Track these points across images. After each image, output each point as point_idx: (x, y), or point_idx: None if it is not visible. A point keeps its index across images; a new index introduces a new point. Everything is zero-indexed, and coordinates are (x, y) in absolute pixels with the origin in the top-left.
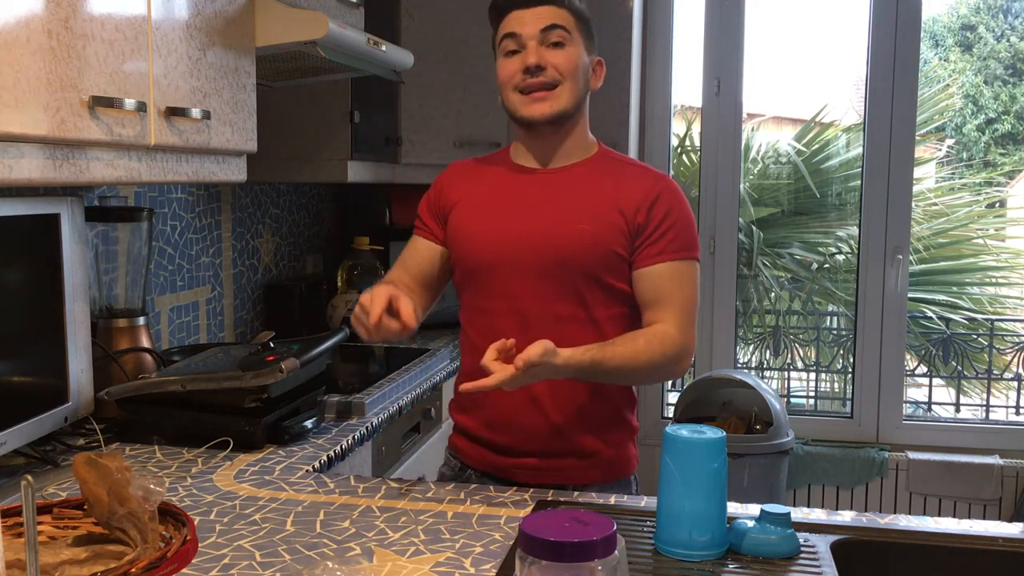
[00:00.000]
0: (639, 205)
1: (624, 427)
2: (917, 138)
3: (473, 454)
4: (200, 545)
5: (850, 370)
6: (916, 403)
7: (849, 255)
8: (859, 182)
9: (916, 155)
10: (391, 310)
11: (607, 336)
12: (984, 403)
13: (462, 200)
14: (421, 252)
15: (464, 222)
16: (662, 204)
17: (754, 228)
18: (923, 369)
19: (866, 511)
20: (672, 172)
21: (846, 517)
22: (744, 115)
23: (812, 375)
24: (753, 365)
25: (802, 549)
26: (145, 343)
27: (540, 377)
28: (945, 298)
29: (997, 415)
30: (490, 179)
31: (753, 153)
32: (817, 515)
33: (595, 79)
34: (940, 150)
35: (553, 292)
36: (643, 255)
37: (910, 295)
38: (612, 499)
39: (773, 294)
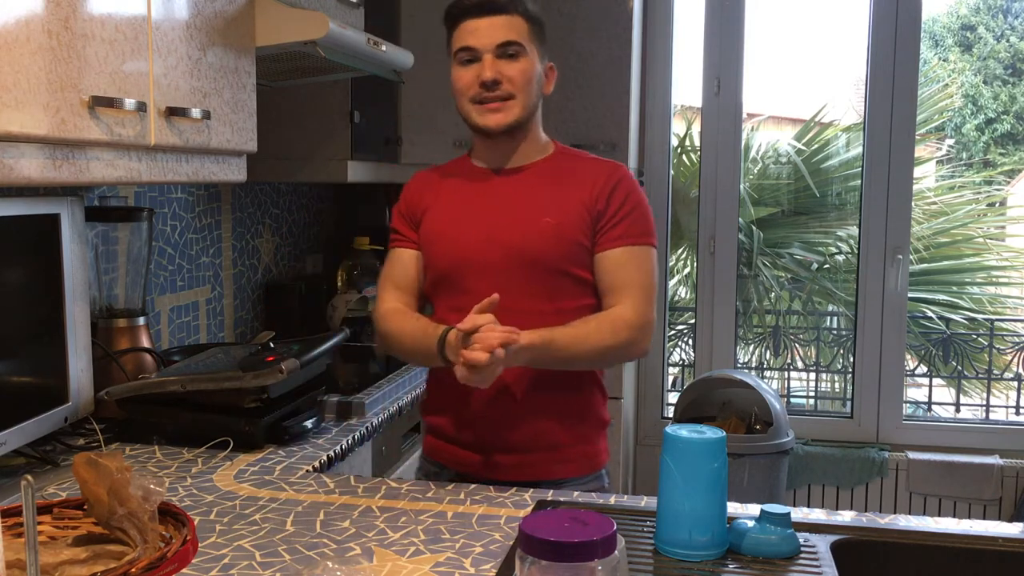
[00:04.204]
0: (599, 193)
1: (594, 420)
2: (917, 138)
3: (446, 454)
4: (200, 545)
5: (850, 370)
6: (916, 403)
7: (849, 255)
8: (859, 182)
9: (916, 155)
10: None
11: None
12: (984, 403)
13: (431, 207)
14: (409, 265)
15: (434, 228)
16: (621, 190)
17: (754, 228)
18: (923, 369)
19: (866, 511)
20: (672, 172)
21: (846, 517)
22: (744, 115)
23: (812, 375)
24: (753, 365)
25: (802, 549)
26: (145, 343)
27: (504, 364)
28: (945, 298)
29: (997, 415)
30: (454, 184)
31: (753, 153)
32: (817, 515)
33: (547, 85)
34: (940, 149)
35: (522, 287)
36: (604, 239)
37: (910, 295)
38: (612, 499)
39: (773, 294)
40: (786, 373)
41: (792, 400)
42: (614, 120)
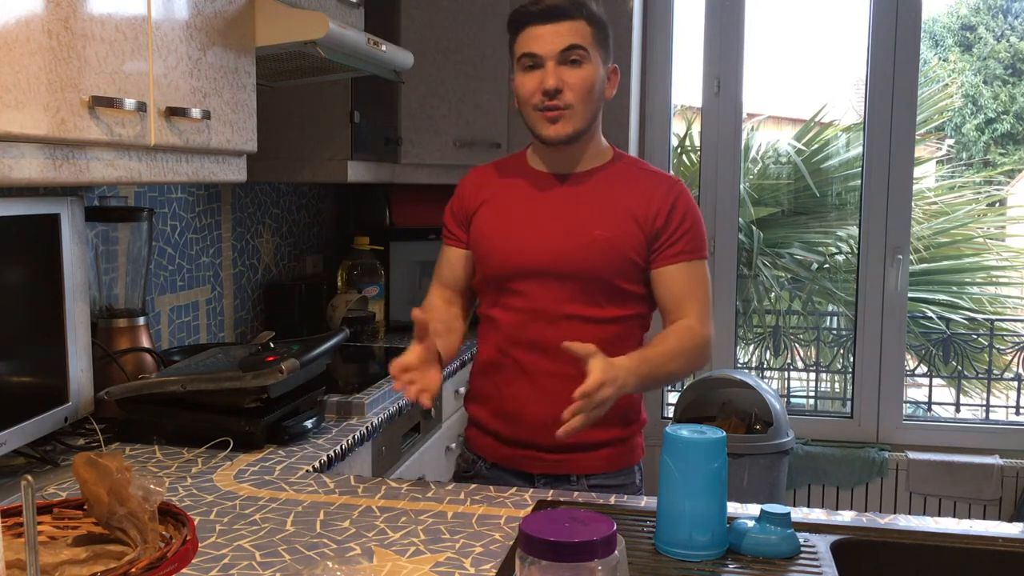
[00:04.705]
0: (657, 211)
1: (630, 420)
2: (917, 138)
3: (483, 444)
4: (200, 545)
5: (850, 370)
6: (916, 403)
7: (849, 255)
8: (859, 182)
9: (916, 155)
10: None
11: (617, 333)
12: (984, 403)
13: (483, 206)
14: (454, 262)
15: (485, 229)
16: (680, 209)
17: (754, 228)
18: (923, 369)
19: (866, 511)
20: (672, 172)
21: (846, 517)
22: (744, 115)
23: (812, 375)
24: (753, 365)
25: (802, 549)
26: (145, 343)
27: (611, 398)
28: (945, 298)
29: (997, 415)
30: (509, 185)
31: (753, 153)
32: (817, 515)
33: (610, 88)
34: (940, 149)
35: (568, 294)
36: (662, 256)
37: (910, 295)
38: (612, 499)
39: (773, 294)
40: (786, 373)
41: (792, 400)
42: (614, 120)
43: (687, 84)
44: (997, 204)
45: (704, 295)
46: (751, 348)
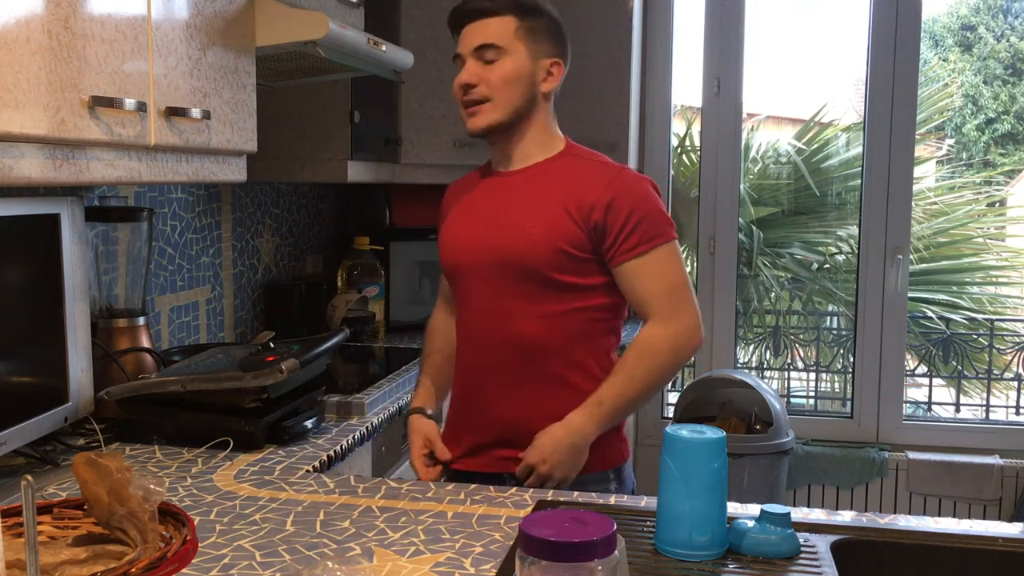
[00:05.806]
0: (593, 205)
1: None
2: (917, 138)
3: (452, 447)
4: (200, 545)
5: (850, 370)
6: (916, 403)
7: (849, 255)
8: (859, 182)
9: (916, 155)
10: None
11: (571, 328)
12: (984, 403)
13: (450, 208)
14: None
15: (443, 231)
16: (623, 203)
17: (754, 228)
18: (923, 369)
19: (866, 511)
20: (672, 172)
21: (846, 517)
22: (744, 115)
23: (812, 375)
24: (753, 365)
25: (802, 549)
26: (145, 343)
27: (560, 464)
28: (945, 298)
29: (997, 415)
30: (468, 189)
31: (753, 153)
32: (817, 515)
33: (548, 82)
34: (940, 149)
35: (509, 290)
36: (617, 252)
37: (910, 295)
38: (612, 499)
39: (773, 294)
40: (786, 373)
41: (792, 400)
42: (614, 120)
43: (687, 84)
44: (997, 204)
45: (668, 284)
46: (751, 348)
